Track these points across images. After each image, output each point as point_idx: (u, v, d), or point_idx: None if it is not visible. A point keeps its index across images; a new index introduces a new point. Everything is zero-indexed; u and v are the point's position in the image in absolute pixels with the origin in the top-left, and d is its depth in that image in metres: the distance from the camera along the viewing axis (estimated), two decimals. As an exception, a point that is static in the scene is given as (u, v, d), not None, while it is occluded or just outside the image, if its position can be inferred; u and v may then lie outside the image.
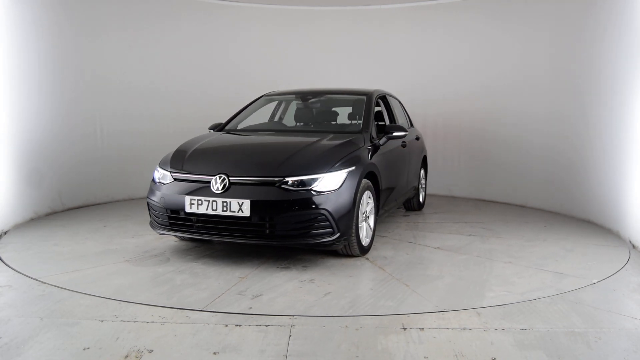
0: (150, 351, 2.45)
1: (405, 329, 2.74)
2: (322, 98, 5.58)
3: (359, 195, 3.89)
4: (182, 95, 7.33)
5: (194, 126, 6.28)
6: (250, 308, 3.02)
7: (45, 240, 4.61)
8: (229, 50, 7.70)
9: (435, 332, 2.71)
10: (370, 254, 4.23)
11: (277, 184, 3.63)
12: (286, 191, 3.61)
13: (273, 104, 5.72)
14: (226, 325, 2.76)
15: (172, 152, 4.29)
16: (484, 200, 7.13)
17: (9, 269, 3.75)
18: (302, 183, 3.64)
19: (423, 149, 6.40)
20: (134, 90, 6.94)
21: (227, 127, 5.16)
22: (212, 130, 5.09)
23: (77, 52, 6.32)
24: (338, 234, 3.70)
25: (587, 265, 4.02)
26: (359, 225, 4.00)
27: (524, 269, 3.87)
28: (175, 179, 3.93)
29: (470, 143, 7.42)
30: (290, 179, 3.63)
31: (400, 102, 6.20)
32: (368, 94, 5.09)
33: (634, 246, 4.63)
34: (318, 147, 4.05)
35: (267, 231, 3.62)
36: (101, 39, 6.59)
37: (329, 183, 3.70)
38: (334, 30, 7.95)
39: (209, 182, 3.73)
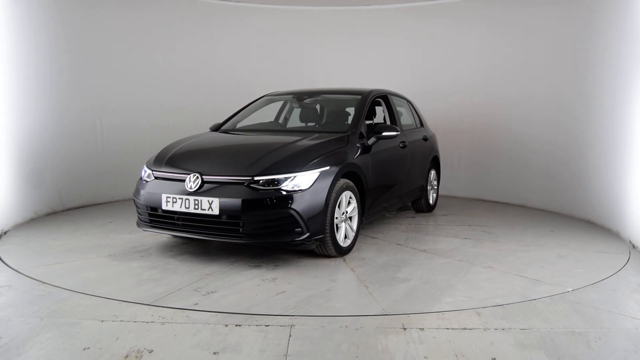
0: (150, 351, 2.44)
1: (405, 329, 2.74)
2: (318, 98, 5.58)
3: (334, 195, 3.90)
4: (183, 95, 7.32)
5: (195, 126, 6.27)
6: (196, 304, 3.07)
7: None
8: (229, 49, 7.70)
9: (435, 332, 2.71)
10: (350, 255, 4.20)
11: (246, 183, 3.69)
12: (254, 190, 3.65)
13: (274, 104, 5.71)
14: (226, 325, 2.76)
15: (159, 151, 4.39)
16: (502, 203, 6.91)
17: (9, 269, 3.75)
18: (270, 182, 3.68)
19: (432, 149, 6.26)
20: (134, 91, 6.93)
21: (224, 127, 5.20)
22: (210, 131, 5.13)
23: (77, 52, 6.32)
24: (307, 234, 3.71)
25: (573, 272, 3.82)
26: (338, 225, 4.03)
27: (501, 275, 3.72)
28: (156, 177, 4.06)
29: (470, 143, 7.42)
30: (258, 179, 3.68)
31: (409, 102, 6.18)
32: (363, 94, 5.06)
33: (634, 246, 4.63)
34: (293, 147, 4.06)
35: (235, 229, 3.68)
36: (101, 39, 6.58)
37: (299, 183, 3.72)
38: (334, 30, 7.95)
39: (184, 181, 3.84)
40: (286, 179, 3.70)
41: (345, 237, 4.18)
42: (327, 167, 3.89)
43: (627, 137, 4.95)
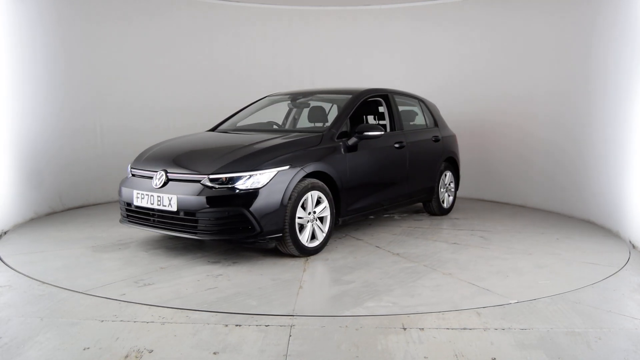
0: (150, 351, 2.44)
1: (405, 329, 2.74)
2: (311, 98, 5.56)
3: (295, 195, 3.92)
4: (183, 95, 7.33)
5: (195, 127, 6.29)
6: (123, 294, 3.20)
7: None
8: (229, 49, 7.70)
9: (435, 332, 2.71)
10: (317, 255, 4.19)
11: (202, 181, 3.80)
12: (209, 188, 3.77)
13: (276, 104, 5.70)
14: (226, 325, 2.76)
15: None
16: (529, 208, 6.60)
17: (9, 269, 3.75)
18: (224, 181, 3.78)
19: (445, 150, 6.01)
20: (134, 91, 6.94)
21: (222, 127, 5.25)
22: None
23: (78, 53, 6.33)
24: (259, 232, 3.77)
25: (534, 284, 3.56)
26: (303, 225, 4.05)
27: (452, 282, 3.55)
28: (133, 175, 4.32)
29: (470, 143, 7.41)
30: (213, 177, 3.79)
31: (422, 101, 6.08)
32: (354, 93, 5.02)
33: (634, 246, 4.63)
34: (255, 146, 4.11)
35: (193, 226, 3.80)
36: (102, 40, 6.59)
37: (254, 182, 3.79)
38: (334, 30, 7.95)
39: (152, 178, 4.05)
40: (241, 177, 3.78)
41: (314, 237, 4.17)
42: (286, 167, 3.93)
43: (627, 137, 4.95)
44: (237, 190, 3.74)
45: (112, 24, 6.70)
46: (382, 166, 4.99)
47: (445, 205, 6.12)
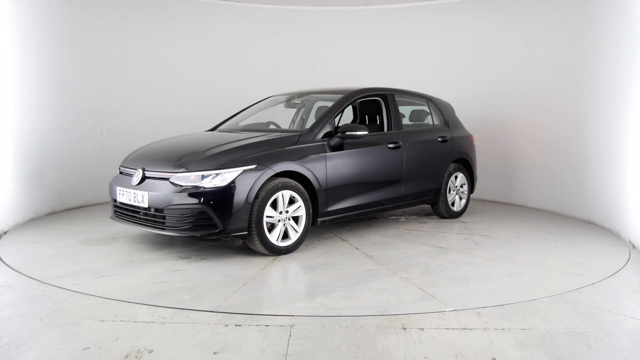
0: (150, 351, 2.45)
1: (405, 329, 2.74)
2: (304, 99, 5.55)
3: (262, 194, 3.97)
4: (183, 95, 7.33)
5: (195, 126, 6.29)
6: (75, 284, 3.37)
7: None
8: (229, 49, 7.70)
9: (435, 332, 2.71)
10: (289, 255, 4.20)
11: (170, 179, 3.94)
12: (175, 186, 3.90)
13: (279, 105, 5.70)
14: (226, 325, 2.76)
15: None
16: (550, 212, 6.31)
17: (9, 269, 3.75)
18: (189, 179, 3.89)
19: (454, 151, 5.80)
20: (134, 91, 6.94)
21: (221, 127, 5.31)
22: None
23: (78, 53, 6.33)
24: (221, 230, 3.84)
25: (492, 291, 3.39)
26: (274, 224, 4.09)
27: (402, 287, 3.44)
28: (120, 172, 4.50)
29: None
30: (179, 175, 3.92)
31: (431, 101, 5.92)
32: (346, 93, 5.00)
33: (634, 246, 4.63)
34: (225, 145, 4.18)
35: (162, 222, 3.94)
36: (102, 40, 6.59)
37: (218, 180, 3.87)
38: (334, 30, 7.95)
39: (132, 175, 4.25)
40: (206, 176, 3.87)
41: (287, 236, 4.19)
42: (253, 166, 3.97)
43: (627, 137, 4.95)
44: (202, 189, 3.84)
45: (112, 24, 6.70)
46: (371, 167, 4.88)
47: (455, 208, 5.92)
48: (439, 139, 5.70)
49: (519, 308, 3.07)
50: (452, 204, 5.89)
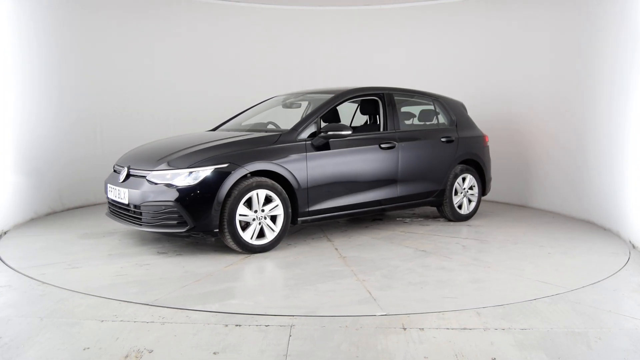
0: (150, 351, 2.45)
1: (405, 329, 2.74)
2: (299, 99, 5.55)
3: (235, 192, 4.04)
4: (183, 95, 7.33)
5: (196, 127, 6.29)
6: (43, 274, 3.58)
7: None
8: (229, 50, 7.70)
9: (435, 332, 2.71)
10: (264, 254, 4.23)
11: (147, 177, 4.10)
12: (151, 183, 4.05)
13: (279, 106, 5.69)
14: (226, 325, 2.76)
15: None
16: (567, 216, 6.06)
17: (9, 269, 3.75)
18: (164, 177, 4.03)
19: (459, 152, 5.63)
20: (134, 91, 6.94)
21: (222, 127, 5.36)
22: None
23: (78, 54, 6.33)
24: (191, 227, 3.96)
25: (442, 297, 3.28)
26: (249, 223, 4.14)
27: (350, 289, 3.39)
28: (114, 171, 4.66)
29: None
30: (154, 173, 4.08)
31: (437, 100, 5.77)
32: (336, 93, 4.97)
33: (634, 246, 4.63)
34: (202, 145, 4.29)
35: (140, 218, 4.10)
36: (102, 41, 6.59)
37: (190, 178, 3.98)
38: (334, 30, 7.95)
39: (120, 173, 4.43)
40: (179, 174, 4.00)
41: (263, 235, 4.24)
42: (225, 165, 4.05)
43: (626, 137, 4.95)
44: (174, 186, 3.97)
45: (112, 24, 6.70)
46: (359, 167, 4.81)
47: (462, 211, 5.73)
48: (443, 139, 5.55)
49: (519, 308, 3.06)
50: (460, 207, 5.72)
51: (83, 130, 6.44)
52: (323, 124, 4.78)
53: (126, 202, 4.16)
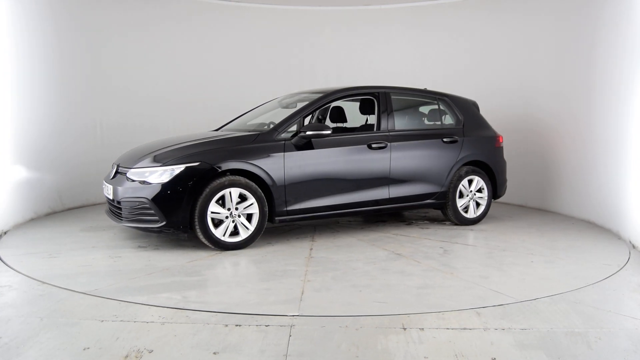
0: (150, 351, 2.44)
1: (405, 329, 2.74)
2: (295, 99, 5.51)
3: (206, 190, 4.14)
4: (183, 95, 7.33)
5: (195, 127, 6.29)
6: (20, 262, 3.84)
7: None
8: (229, 51, 7.70)
9: (435, 332, 2.71)
10: (237, 251, 4.29)
11: (127, 174, 4.28)
12: (129, 180, 4.23)
13: (280, 106, 5.70)
14: (226, 325, 2.76)
15: None
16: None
17: (9, 269, 3.75)
18: (138, 174, 4.21)
19: (463, 152, 5.42)
20: (134, 91, 6.95)
21: (224, 127, 5.39)
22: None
23: (78, 54, 6.33)
24: (163, 223, 4.10)
25: (374, 302, 3.17)
26: (222, 220, 4.23)
27: (288, 289, 3.37)
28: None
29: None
30: (132, 170, 4.26)
31: (442, 100, 5.59)
32: (325, 93, 4.94)
33: (634, 246, 4.63)
34: (182, 144, 4.42)
35: (119, 213, 4.29)
36: (102, 41, 6.60)
37: (160, 176, 4.13)
38: (334, 30, 7.95)
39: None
40: (150, 172, 4.16)
41: (238, 233, 4.32)
42: (196, 163, 4.16)
43: (627, 137, 4.96)
44: (147, 183, 4.13)
45: (112, 23, 6.70)
46: (344, 168, 4.73)
47: (469, 214, 5.51)
48: (445, 140, 5.36)
49: (519, 308, 3.07)
50: (466, 210, 5.52)
51: (83, 130, 6.44)
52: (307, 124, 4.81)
53: (111, 198, 4.38)
